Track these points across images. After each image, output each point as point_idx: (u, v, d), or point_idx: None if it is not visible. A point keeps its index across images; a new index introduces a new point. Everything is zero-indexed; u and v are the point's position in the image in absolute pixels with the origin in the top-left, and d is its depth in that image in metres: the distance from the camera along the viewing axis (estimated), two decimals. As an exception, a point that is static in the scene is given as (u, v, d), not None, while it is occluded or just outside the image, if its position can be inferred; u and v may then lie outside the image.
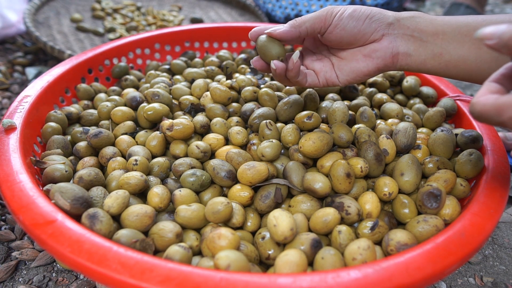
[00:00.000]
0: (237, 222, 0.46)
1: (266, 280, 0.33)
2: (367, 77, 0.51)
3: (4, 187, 0.42)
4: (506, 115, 0.33)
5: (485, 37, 0.34)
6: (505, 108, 0.33)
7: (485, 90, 0.36)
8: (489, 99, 0.35)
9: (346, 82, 0.52)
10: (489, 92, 0.36)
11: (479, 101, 0.35)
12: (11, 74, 0.97)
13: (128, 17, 1.16)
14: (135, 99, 0.63)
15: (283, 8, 1.14)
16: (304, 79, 0.52)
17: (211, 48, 0.87)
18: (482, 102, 0.35)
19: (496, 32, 0.34)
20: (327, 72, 0.52)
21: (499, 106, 0.34)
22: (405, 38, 0.48)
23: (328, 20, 0.48)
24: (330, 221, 0.43)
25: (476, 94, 0.37)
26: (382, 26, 0.48)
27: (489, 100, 0.34)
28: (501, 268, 0.56)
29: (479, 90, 0.37)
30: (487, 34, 0.34)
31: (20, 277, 0.53)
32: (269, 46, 0.49)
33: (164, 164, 0.53)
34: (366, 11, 0.48)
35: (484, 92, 0.36)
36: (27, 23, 0.97)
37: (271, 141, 0.51)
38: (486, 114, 0.35)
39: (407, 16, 0.49)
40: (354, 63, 0.51)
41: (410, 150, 0.55)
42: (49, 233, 0.37)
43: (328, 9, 0.49)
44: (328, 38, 0.50)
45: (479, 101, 0.35)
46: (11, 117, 0.53)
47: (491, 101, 0.34)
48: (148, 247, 0.41)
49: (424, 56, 0.48)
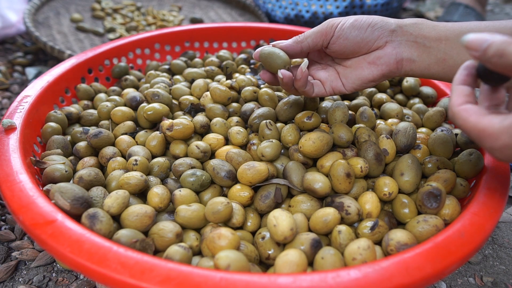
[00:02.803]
0: (237, 222, 0.46)
1: (266, 280, 0.33)
2: (373, 83, 0.52)
3: (4, 187, 0.42)
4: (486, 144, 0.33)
5: (469, 47, 0.33)
6: (486, 136, 0.33)
7: (459, 95, 0.36)
8: (471, 118, 0.34)
9: (352, 89, 0.53)
10: (464, 98, 0.36)
11: (460, 115, 0.35)
12: (11, 74, 0.97)
13: (128, 17, 1.16)
14: (135, 99, 0.63)
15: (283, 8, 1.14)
16: (311, 89, 0.52)
17: (211, 48, 0.87)
18: (462, 117, 0.35)
19: (481, 46, 0.32)
20: (333, 81, 0.53)
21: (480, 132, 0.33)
22: (409, 44, 0.49)
23: (330, 33, 0.49)
24: (330, 221, 0.43)
25: (451, 101, 0.36)
26: (384, 33, 0.49)
27: (471, 120, 0.34)
28: (501, 268, 0.56)
29: (452, 96, 0.36)
30: (472, 45, 0.33)
31: (20, 277, 0.53)
32: (274, 56, 0.50)
33: (164, 164, 0.53)
34: (368, 20, 0.49)
35: (459, 98, 0.36)
36: (27, 23, 0.97)
37: (271, 141, 0.51)
38: (467, 133, 0.35)
39: (410, 23, 0.49)
40: (359, 70, 0.51)
41: (410, 150, 0.55)
42: (49, 233, 0.37)
43: (329, 22, 0.50)
44: (332, 49, 0.51)
45: (460, 114, 0.35)
46: (11, 117, 0.53)
47: (473, 122, 0.34)
48: (148, 247, 0.41)
49: (428, 61, 0.49)
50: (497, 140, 0.32)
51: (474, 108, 0.35)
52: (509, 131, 0.31)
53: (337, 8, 1.10)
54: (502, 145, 0.32)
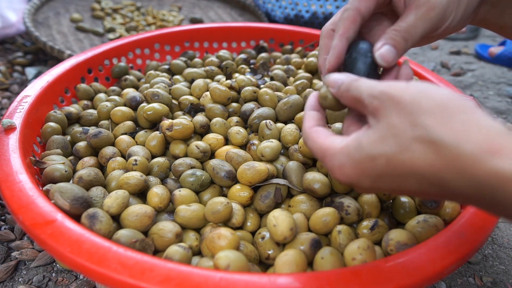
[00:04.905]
0: (236, 222, 0.46)
1: (265, 280, 0.33)
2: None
3: (4, 187, 0.42)
4: (327, 163, 0.34)
5: (329, 85, 0.37)
6: (327, 155, 0.34)
7: (311, 119, 0.38)
8: (319, 139, 0.35)
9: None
10: (314, 122, 0.38)
11: (311, 136, 0.36)
12: (10, 74, 0.97)
13: (127, 17, 1.16)
14: (135, 99, 0.63)
15: (283, 8, 1.14)
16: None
17: (210, 48, 0.87)
18: (312, 138, 0.36)
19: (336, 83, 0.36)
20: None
21: (323, 151, 0.34)
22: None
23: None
24: (330, 221, 0.43)
25: (303, 124, 0.38)
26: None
27: (318, 140, 0.35)
28: (501, 268, 0.56)
29: (304, 120, 0.38)
30: (331, 82, 0.36)
31: (20, 277, 0.53)
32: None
33: (164, 164, 0.53)
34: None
35: (310, 122, 0.38)
36: (27, 23, 0.97)
37: (271, 141, 0.51)
38: (314, 153, 0.36)
39: None
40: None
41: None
42: (48, 233, 0.37)
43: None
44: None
45: (310, 135, 0.36)
46: (11, 117, 0.53)
47: (319, 142, 0.35)
48: (148, 247, 0.41)
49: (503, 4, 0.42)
50: (335, 159, 0.33)
51: (322, 130, 0.36)
52: (343, 151, 0.32)
53: (337, 8, 1.10)
54: (339, 164, 0.32)
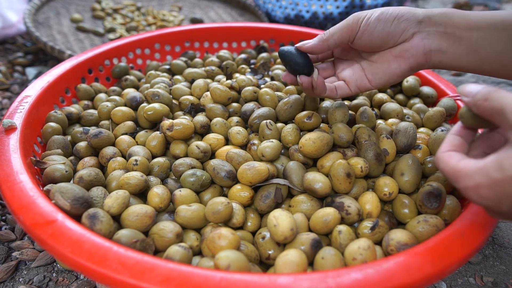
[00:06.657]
0: (237, 222, 0.46)
1: (266, 280, 0.33)
2: (400, 78, 0.50)
3: (5, 187, 0.43)
4: (461, 183, 0.34)
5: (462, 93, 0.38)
6: (461, 176, 0.34)
7: (448, 144, 0.38)
8: (450, 161, 0.36)
9: (379, 85, 0.51)
10: (451, 147, 0.38)
11: (443, 159, 0.37)
12: (11, 74, 0.97)
13: (128, 17, 1.16)
14: (135, 99, 0.63)
15: (283, 8, 1.14)
16: (334, 92, 0.52)
17: (211, 48, 0.87)
18: (444, 161, 0.36)
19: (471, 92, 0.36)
20: (358, 80, 0.52)
21: (456, 173, 0.35)
22: (438, 35, 0.47)
23: (355, 28, 0.48)
24: (330, 221, 0.43)
25: (440, 148, 0.38)
26: (411, 25, 0.47)
27: (450, 163, 0.36)
28: (501, 268, 0.56)
29: (443, 144, 0.38)
30: (465, 91, 0.37)
31: (21, 277, 0.53)
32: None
33: (164, 164, 0.53)
34: (394, 12, 0.48)
35: (446, 146, 0.38)
36: (27, 23, 0.97)
37: (271, 141, 0.51)
38: (446, 175, 0.36)
39: (439, 13, 0.47)
40: (386, 64, 0.50)
41: (410, 150, 0.55)
42: (49, 233, 0.37)
43: (354, 16, 0.49)
44: (357, 44, 0.50)
45: (442, 158, 0.37)
46: (11, 117, 0.53)
47: (451, 165, 0.36)
48: (148, 247, 0.41)
49: (458, 52, 0.47)
50: (470, 179, 0.33)
51: (456, 154, 0.37)
52: (481, 171, 0.33)
53: (337, 8, 1.10)
54: (474, 184, 0.33)
